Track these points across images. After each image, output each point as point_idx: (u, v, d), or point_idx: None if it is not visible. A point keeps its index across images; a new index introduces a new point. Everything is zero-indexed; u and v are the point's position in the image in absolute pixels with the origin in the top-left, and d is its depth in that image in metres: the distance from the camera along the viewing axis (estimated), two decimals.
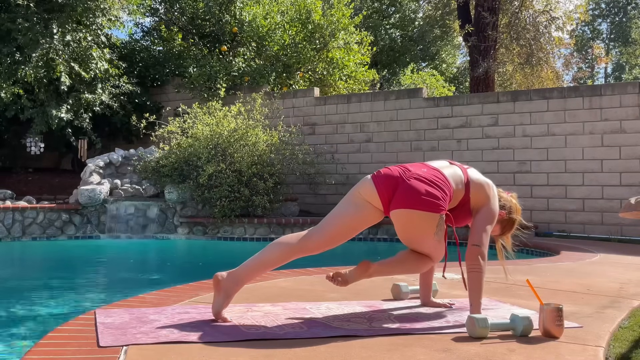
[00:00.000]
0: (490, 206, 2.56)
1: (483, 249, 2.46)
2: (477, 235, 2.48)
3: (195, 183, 8.54)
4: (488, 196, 2.58)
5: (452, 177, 2.54)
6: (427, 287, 2.84)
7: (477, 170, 2.73)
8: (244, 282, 2.48)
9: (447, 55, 21.38)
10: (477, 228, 2.51)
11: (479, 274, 2.42)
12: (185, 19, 12.77)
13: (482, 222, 2.51)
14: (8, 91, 9.44)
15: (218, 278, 2.42)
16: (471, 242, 2.47)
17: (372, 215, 2.53)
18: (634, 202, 2.75)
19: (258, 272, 2.51)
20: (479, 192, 2.57)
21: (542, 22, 15.51)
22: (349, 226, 2.52)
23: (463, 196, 2.56)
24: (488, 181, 2.63)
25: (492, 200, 2.57)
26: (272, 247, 2.50)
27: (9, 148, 11.97)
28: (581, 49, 34.37)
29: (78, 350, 2.00)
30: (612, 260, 5.32)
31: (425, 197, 2.40)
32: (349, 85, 12.33)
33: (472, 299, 2.42)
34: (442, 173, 2.52)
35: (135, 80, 11.69)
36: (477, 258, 2.43)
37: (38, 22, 9.60)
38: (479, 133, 9.14)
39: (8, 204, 8.28)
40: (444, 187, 2.46)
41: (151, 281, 5.58)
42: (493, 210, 2.56)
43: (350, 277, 2.53)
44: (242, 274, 2.45)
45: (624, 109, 8.23)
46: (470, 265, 2.44)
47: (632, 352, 2.19)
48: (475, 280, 2.42)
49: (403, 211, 2.42)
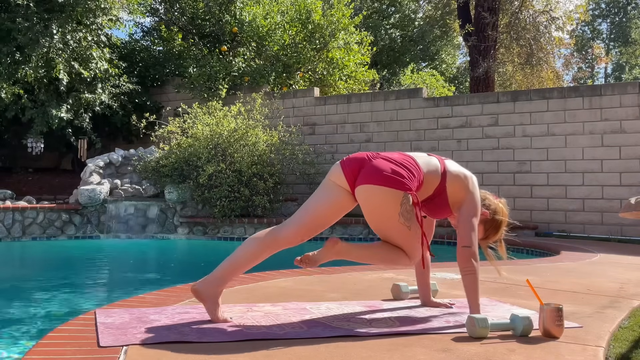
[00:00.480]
0: (470, 198, 2.50)
1: (473, 249, 2.43)
2: (465, 235, 2.45)
3: (195, 183, 8.55)
4: (466, 187, 2.51)
5: (424, 164, 2.49)
6: (425, 287, 2.83)
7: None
8: (224, 284, 2.43)
9: (447, 55, 21.38)
10: (462, 227, 2.46)
11: (474, 275, 2.42)
12: (185, 19, 12.77)
13: (466, 218, 2.47)
14: (8, 91, 9.44)
15: (196, 289, 2.39)
16: (460, 244, 2.45)
17: (344, 200, 2.46)
18: (634, 202, 2.74)
19: (236, 271, 2.46)
20: (455, 182, 2.50)
21: (542, 22, 15.52)
22: (322, 213, 2.46)
23: (439, 185, 2.49)
24: (467, 173, 2.56)
25: (471, 192, 2.51)
26: (247, 243, 2.46)
27: (9, 148, 11.96)
28: (581, 49, 34.38)
29: (78, 350, 2.00)
30: (612, 260, 5.32)
31: (388, 174, 2.35)
32: (349, 85, 12.33)
33: (470, 300, 2.42)
34: (412, 158, 2.48)
35: (135, 80, 11.69)
36: (469, 260, 2.42)
37: (38, 22, 9.60)
38: (479, 133, 9.14)
39: (8, 204, 8.28)
40: (411, 169, 2.41)
41: (151, 281, 5.58)
42: (474, 202, 2.50)
43: (318, 257, 2.40)
44: (219, 277, 2.41)
45: (624, 109, 8.23)
46: (464, 268, 2.43)
47: (632, 352, 2.19)
48: (470, 283, 2.42)
49: (365, 187, 2.36)
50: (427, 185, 2.48)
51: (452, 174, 2.51)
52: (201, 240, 8.48)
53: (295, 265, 2.47)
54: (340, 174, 2.46)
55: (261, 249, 2.44)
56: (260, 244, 2.44)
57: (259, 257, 2.46)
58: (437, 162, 2.53)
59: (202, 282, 2.40)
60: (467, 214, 2.48)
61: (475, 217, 2.49)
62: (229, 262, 2.44)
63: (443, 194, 2.51)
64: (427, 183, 2.47)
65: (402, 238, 2.41)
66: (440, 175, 2.49)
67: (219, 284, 2.41)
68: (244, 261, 2.44)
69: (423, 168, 2.47)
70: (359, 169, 2.41)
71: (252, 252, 2.44)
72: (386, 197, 2.34)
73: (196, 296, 2.40)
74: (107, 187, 8.76)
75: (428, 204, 2.55)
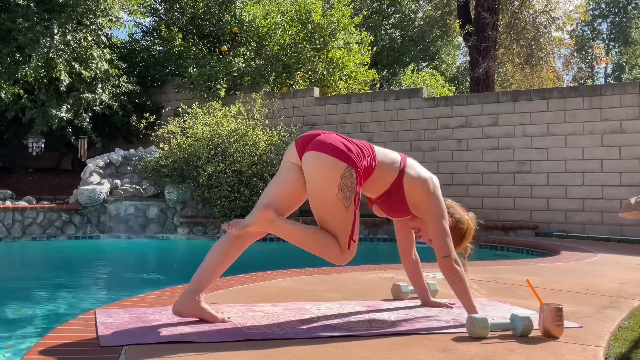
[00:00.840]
0: (433, 201, 2.45)
1: (453, 256, 2.41)
2: (439, 244, 2.42)
3: (195, 183, 8.55)
4: (426, 188, 2.45)
5: (381, 154, 2.45)
6: (421, 288, 2.83)
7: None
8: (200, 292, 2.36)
9: (447, 55, 21.38)
10: (435, 235, 2.43)
11: (462, 282, 2.41)
12: (185, 19, 12.77)
13: (436, 224, 2.42)
14: (8, 91, 9.44)
15: (177, 310, 2.35)
16: (439, 255, 2.42)
17: (300, 177, 2.39)
18: (634, 202, 2.75)
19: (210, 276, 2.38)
20: (414, 181, 2.44)
21: (542, 22, 15.52)
22: (280, 196, 2.39)
23: (395, 180, 2.43)
24: (427, 174, 2.49)
25: (432, 194, 2.45)
26: (215, 246, 2.42)
27: (9, 148, 11.97)
28: (581, 49, 34.38)
29: (78, 350, 2.00)
30: (612, 260, 5.32)
31: (336, 144, 2.31)
32: (349, 85, 12.33)
33: (466, 305, 2.43)
34: (370, 144, 2.45)
35: (135, 81, 11.69)
36: (452, 268, 2.41)
37: (38, 22, 9.60)
38: (479, 133, 9.14)
39: (8, 204, 8.28)
40: (363, 150, 2.37)
41: (151, 281, 5.58)
42: (438, 205, 2.45)
43: (248, 222, 2.29)
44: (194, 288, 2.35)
45: (624, 109, 8.23)
46: (450, 278, 2.43)
47: (632, 352, 2.19)
48: (461, 290, 2.42)
49: (310, 154, 2.31)
50: (381, 177, 2.42)
51: (410, 173, 2.46)
52: (201, 240, 8.48)
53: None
54: (294, 149, 2.41)
55: (227, 251, 2.39)
56: (226, 247, 2.39)
57: (226, 259, 2.39)
58: (397, 157, 2.49)
59: (180, 302, 2.36)
60: (435, 218, 2.44)
61: (444, 219, 2.45)
62: (200, 272, 2.38)
63: (400, 191, 2.45)
64: (380, 173, 2.41)
65: (337, 221, 2.31)
66: (397, 171, 2.44)
67: (194, 295, 2.35)
68: (213, 268, 2.38)
69: (378, 156, 2.42)
70: (310, 141, 2.36)
71: (219, 256, 2.38)
72: (329, 166, 2.27)
73: (180, 316, 2.37)
74: (107, 187, 8.76)
75: (385, 201, 2.50)
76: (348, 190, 2.29)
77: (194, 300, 2.35)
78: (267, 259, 7.38)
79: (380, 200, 2.51)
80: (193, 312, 2.36)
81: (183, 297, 2.36)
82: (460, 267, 2.42)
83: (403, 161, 2.48)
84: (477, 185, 8.99)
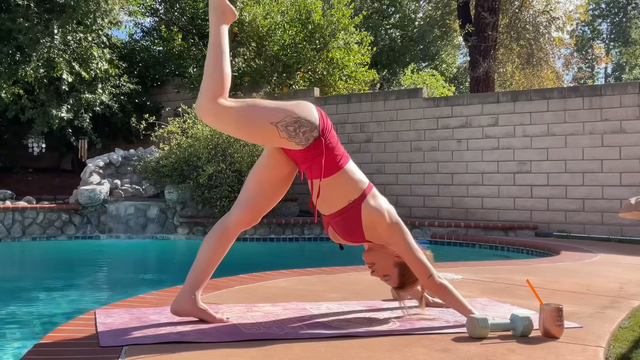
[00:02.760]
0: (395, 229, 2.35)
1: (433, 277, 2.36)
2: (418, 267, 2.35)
3: (195, 183, 8.55)
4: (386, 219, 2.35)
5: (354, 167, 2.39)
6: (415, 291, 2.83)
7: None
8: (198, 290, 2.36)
9: (447, 55, 21.38)
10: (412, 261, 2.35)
11: (451, 294, 2.39)
12: (185, 19, 12.77)
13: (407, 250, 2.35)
14: (8, 91, 9.44)
15: (175, 309, 2.35)
16: (422, 278, 2.37)
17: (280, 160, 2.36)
18: (634, 202, 2.75)
19: (204, 274, 2.38)
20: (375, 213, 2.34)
21: (542, 22, 15.52)
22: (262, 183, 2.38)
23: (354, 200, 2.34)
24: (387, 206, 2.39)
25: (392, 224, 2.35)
26: (203, 245, 2.42)
27: (9, 148, 11.97)
28: (581, 49, 34.38)
29: (78, 350, 2.00)
30: (612, 260, 5.32)
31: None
32: (349, 86, 12.33)
33: (461, 312, 2.41)
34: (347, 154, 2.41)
35: (135, 80, 11.69)
36: (439, 285, 2.38)
37: (38, 22, 9.60)
38: (479, 133, 9.14)
39: (8, 204, 8.28)
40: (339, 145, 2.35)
41: (151, 281, 5.58)
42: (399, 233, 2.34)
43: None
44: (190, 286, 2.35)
45: (624, 109, 8.23)
46: (440, 295, 2.40)
47: (632, 352, 2.19)
48: (454, 301, 2.41)
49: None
50: (342, 187, 2.34)
51: (370, 201, 2.36)
52: (201, 241, 8.45)
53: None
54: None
55: (215, 246, 2.38)
56: (213, 242, 2.39)
57: (216, 254, 2.38)
58: (365, 180, 2.41)
59: (176, 301, 2.36)
60: (404, 245, 2.36)
61: (410, 244, 2.36)
62: (192, 271, 2.39)
63: (356, 213, 2.35)
64: (342, 182, 2.33)
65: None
66: (360, 192, 2.35)
67: (193, 291, 2.35)
68: (205, 264, 2.37)
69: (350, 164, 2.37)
70: None
71: (211, 249, 2.38)
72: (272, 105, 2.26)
73: (178, 315, 2.37)
74: (107, 187, 8.76)
75: (340, 221, 2.40)
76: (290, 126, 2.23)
77: (191, 299, 2.34)
78: (267, 259, 7.39)
79: (335, 219, 2.42)
80: (190, 312, 2.35)
81: (179, 297, 2.36)
82: (443, 279, 2.41)
83: (369, 188, 2.40)
84: (477, 186, 8.99)
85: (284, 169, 2.39)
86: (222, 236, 2.40)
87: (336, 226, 2.43)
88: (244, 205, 2.40)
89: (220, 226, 2.42)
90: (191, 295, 2.35)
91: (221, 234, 2.40)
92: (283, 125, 2.24)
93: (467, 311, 2.40)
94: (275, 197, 2.45)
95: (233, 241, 2.44)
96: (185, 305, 2.35)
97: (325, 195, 2.35)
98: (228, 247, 2.43)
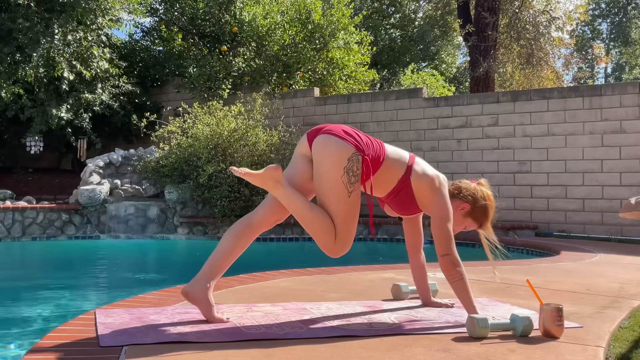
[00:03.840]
0: (439, 201, 2.46)
1: (452, 257, 2.41)
2: (441, 243, 2.43)
3: (195, 183, 8.55)
4: (433, 188, 2.46)
5: (391, 149, 2.50)
6: (423, 287, 2.83)
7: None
8: (212, 281, 2.39)
9: (447, 55, 21.38)
10: (437, 235, 2.44)
11: (461, 281, 2.41)
12: (185, 19, 12.76)
13: (440, 225, 2.43)
14: (8, 91, 9.43)
15: (186, 291, 2.37)
16: (439, 253, 2.44)
17: (310, 169, 2.45)
18: (634, 202, 2.75)
19: (221, 266, 2.42)
20: (421, 181, 2.46)
21: (542, 22, 15.52)
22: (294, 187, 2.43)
23: (402, 177, 2.46)
24: (434, 173, 2.52)
25: (438, 193, 2.47)
26: (225, 236, 2.45)
27: (9, 148, 11.97)
28: (581, 49, 34.38)
29: (78, 350, 2.00)
30: (612, 260, 5.32)
31: (346, 130, 2.40)
32: (349, 85, 12.33)
33: (465, 305, 2.43)
34: (380, 141, 2.51)
35: (136, 80, 11.68)
36: (452, 267, 2.41)
37: (39, 22, 9.59)
38: (479, 133, 9.14)
39: (8, 204, 8.28)
40: (372, 141, 2.44)
41: (151, 281, 5.58)
42: (444, 205, 2.46)
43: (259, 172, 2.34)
44: (206, 274, 2.39)
45: (624, 109, 8.23)
46: (449, 277, 2.43)
47: (632, 352, 2.19)
48: (460, 289, 2.42)
49: (320, 137, 2.39)
50: (389, 172, 2.45)
51: (417, 170, 2.48)
52: (201, 241, 8.48)
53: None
54: (304, 140, 2.48)
55: (237, 238, 2.42)
56: (238, 233, 2.42)
57: (238, 245, 2.42)
58: (405, 154, 2.53)
59: (190, 284, 2.38)
60: (440, 219, 2.44)
61: (449, 221, 2.45)
62: (211, 259, 2.42)
63: (407, 188, 2.48)
64: (388, 168, 2.45)
65: (337, 206, 2.35)
66: (405, 167, 2.47)
67: (207, 281, 2.38)
68: (227, 253, 2.41)
69: (387, 151, 2.47)
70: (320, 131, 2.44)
71: (232, 242, 2.41)
72: (338, 148, 2.34)
73: (187, 298, 2.38)
74: (107, 187, 8.76)
75: (394, 198, 2.52)
76: (353, 175, 2.34)
77: (205, 287, 2.36)
78: (267, 259, 7.38)
79: (389, 198, 2.54)
80: (199, 299, 2.35)
81: (194, 281, 2.37)
82: (461, 267, 2.42)
83: (411, 159, 2.51)
84: None
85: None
86: (246, 231, 2.43)
87: (392, 203, 2.54)
88: (271, 205, 2.45)
89: (245, 221, 2.45)
90: (206, 283, 2.37)
91: (245, 229, 2.43)
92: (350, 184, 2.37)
93: (470, 305, 2.41)
94: None
95: (254, 238, 2.47)
96: (199, 291, 2.36)
97: (376, 184, 2.47)
98: (249, 242, 2.46)
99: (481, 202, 2.60)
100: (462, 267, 2.44)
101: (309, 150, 2.45)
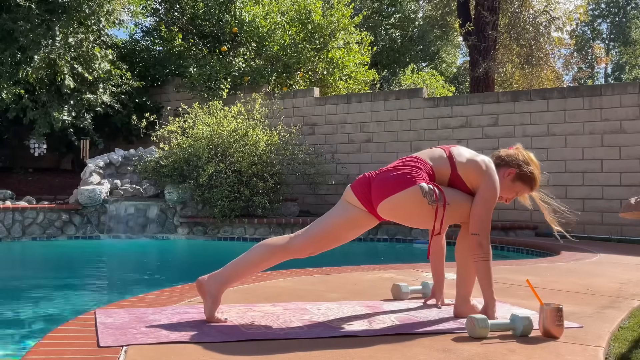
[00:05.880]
0: (486, 181, 2.48)
1: (481, 238, 2.42)
2: (475, 222, 2.44)
3: (195, 183, 8.54)
4: (480, 171, 2.49)
5: (427, 155, 2.54)
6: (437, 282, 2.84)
7: None
8: (229, 283, 2.45)
9: (447, 55, 21.38)
10: (473, 215, 2.46)
11: (484, 262, 2.42)
12: (185, 19, 12.76)
13: (479, 206, 2.46)
14: (9, 92, 9.43)
15: (201, 282, 2.40)
16: (470, 231, 2.46)
17: (360, 217, 2.51)
18: (634, 202, 2.75)
19: (243, 273, 2.48)
20: (468, 168, 2.50)
21: (542, 22, 15.51)
22: (334, 229, 2.51)
23: (451, 173, 2.50)
24: (479, 157, 2.54)
25: (486, 176, 2.49)
26: (258, 248, 2.49)
27: (10, 148, 11.96)
28: (581, 49, 34.38)
29: (78, 350, 2.00)
30: (612, 260, 5.32)
31: (395, 179, 2.41)
32: (349, 86, 12.33)
33: (483, 287, 2.42)
34: (412, 156, 2.55)
35: (137, 80, 11.68)
36: (477, 247, 2.42)
37: (40, 23, 9.58)
38: (479, 133, 9.14)
39: (8, 204, 8.28)
40: (413, 164, 2.47)
41: (151, 281, 5.58)
42: (488, 187, 2.48)
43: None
44: (226, 275, 2.42)
45: (624, 109, 8.22)
46: (473, 255, 2.44)
47: (632, 352, 2.19)
48: (481, 270, 2.42)
49: (384, 203, 2.42)
50: (440, 175, 2.50)
51: (461, 162, 2.52)
52: (201, 241, 8.48)
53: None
54: (352, 195, 2.53)
55: (270, 255, 2.48)
56: (271, 251, 2.48)
57: (267, 262, 2.49)
58: (441, 152, 2.55)
59: (209, 277, 2.42)
60: (481, 199, 2.47)
61: (490, 200, 2.47)
62: (238, 262, 2.46)
63: (459, 181, 2.51)
64: (439, 173, 2.50)
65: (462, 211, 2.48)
66: (449, 165, 2.51)
67: (225, 282, 2.42)
68: (253, 264, 2.47)
69: (428, 161, 2.51)
70: (369, 189, 2.48)
71: (262, 256, 2.47)
72: (407, 199, 2.38)
73: (199, 289, 2.41)
74: (107, 187, 8.76)
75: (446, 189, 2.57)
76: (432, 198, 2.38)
77: (220, 285, 2.41)
78: None
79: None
80: (209, 293, 2.38)
81: (214, 276, 2.41)
82: (487, 249, 2.43)
83: (448, 152, 2.54)
84: None
85: (365, 226, 2.57)
86: (279, 253, 2.50)
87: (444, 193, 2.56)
88: (312, 240, 2.51)
89: (284, 244, 2.50)
90: (223, 284, 2.41)
91: (281, 251, 2.49)
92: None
93: (488, 291, 2.41)
94: (340, 243, 2.58)
95: (283, 261, 2.53)
96: (213, 288, 2.39)
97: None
98: (277, 263, 2.53)
99: (524, 165, 2.64)
100: (490, 251, 2.44)
101: (359, 204, 2.51)
